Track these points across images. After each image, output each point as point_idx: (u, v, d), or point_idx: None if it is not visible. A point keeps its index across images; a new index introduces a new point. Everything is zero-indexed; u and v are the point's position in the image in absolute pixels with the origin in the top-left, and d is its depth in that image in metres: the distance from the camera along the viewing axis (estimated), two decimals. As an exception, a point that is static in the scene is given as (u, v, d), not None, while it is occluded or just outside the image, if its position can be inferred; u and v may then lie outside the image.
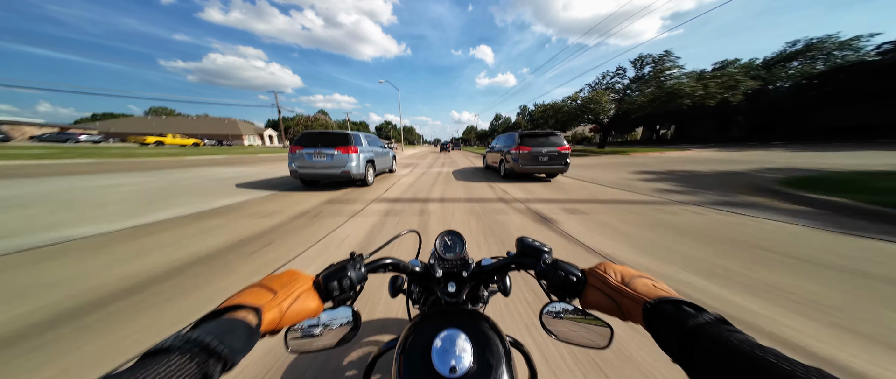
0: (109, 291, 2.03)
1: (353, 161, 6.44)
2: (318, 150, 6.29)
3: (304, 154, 6.29)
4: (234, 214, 4.20)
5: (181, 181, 7.45)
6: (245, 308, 0.35)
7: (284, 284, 0.43)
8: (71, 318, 1.71)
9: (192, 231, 3.40)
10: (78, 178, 7.46)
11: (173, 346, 0.26)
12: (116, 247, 2.89)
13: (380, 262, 0.55)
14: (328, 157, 6.31)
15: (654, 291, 0.40)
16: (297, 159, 6.32)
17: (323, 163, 6.31)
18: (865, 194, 4.10)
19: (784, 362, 0.24)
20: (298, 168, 6.30)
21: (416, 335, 0.46)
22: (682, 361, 0.31)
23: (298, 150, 6.30)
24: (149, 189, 6.18)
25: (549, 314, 0.50)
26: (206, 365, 0.27)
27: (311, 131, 6.56)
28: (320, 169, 6.32)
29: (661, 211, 4.19)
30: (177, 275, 2.28)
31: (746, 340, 0.28)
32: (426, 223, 3.85)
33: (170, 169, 10.47)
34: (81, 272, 2.32)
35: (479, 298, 0.70)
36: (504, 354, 0.42)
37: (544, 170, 7.65)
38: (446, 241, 0.75)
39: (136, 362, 0.25)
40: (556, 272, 0.49)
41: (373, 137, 8.54)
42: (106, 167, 10.14)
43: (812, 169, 7.75)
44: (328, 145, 6.36)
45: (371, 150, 7.59)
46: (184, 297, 1.96)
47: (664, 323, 0.35)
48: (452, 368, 0.38)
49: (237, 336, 0.31)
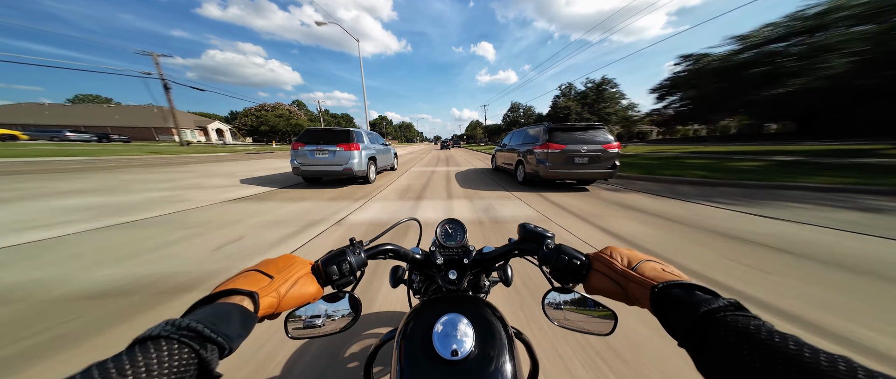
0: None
1: (356, 158, 6.47)
2: (321, 148, 6.33)
3: (307, 151, 6.33)
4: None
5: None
6: (240, 293, 0.34)
7: (281, 268, 0.42)
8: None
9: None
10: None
11: (165, 332, 0.26)
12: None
13: (380, 247, 0.55)
14: (330, 154, 6.34)
15: (663, 274, 0.39)
16: (299, 156, 6.36)
17: (325, 160, 6.35)
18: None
19: (807, 350, 0.23)
20: (301, 165, 6.34)
21: (417, 321, 0.45)
22: (690, 346, 0.30)
23: (301, 148, 6.34)
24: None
25: (551, 301, 0.50)
26: (200, 351, 0.26)
27: (314, 128, 6.59)
28: (322, 166, 6.35)
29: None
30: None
31: (764, 327, 0.26)
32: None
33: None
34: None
35: (481, 288, 0.70)
36: (506, 339, 0.42)
37: (583, 175, 5.74)
38: (447, 229, 0.74)
39: (127, 348, 0.24)
40: (559, 257, 0.48)
41: (375, 135, 8.57)
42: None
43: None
44: (330, 142, 6.39)
45: (373, 147, 7.62)
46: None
47: (673, 307, 0.33)
48: (454, 352, 0.38)
49: (232, 322, 0.30)
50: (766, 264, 2.30)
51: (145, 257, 2.51)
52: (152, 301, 1.82)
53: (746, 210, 4.01)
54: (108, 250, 2.66)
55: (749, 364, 0.24)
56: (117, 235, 3.05)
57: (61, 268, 2.29)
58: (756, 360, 0.24)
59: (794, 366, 0.22)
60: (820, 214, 3.72)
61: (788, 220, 3.52)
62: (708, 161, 10.33)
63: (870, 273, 2.15)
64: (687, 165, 9.06)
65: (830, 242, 2.80)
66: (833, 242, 2.78)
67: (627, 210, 4.21)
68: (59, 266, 2.32)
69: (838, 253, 2.52)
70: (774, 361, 0.23)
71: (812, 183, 5.48)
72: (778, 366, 0.23)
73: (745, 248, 2.67)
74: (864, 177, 5.82)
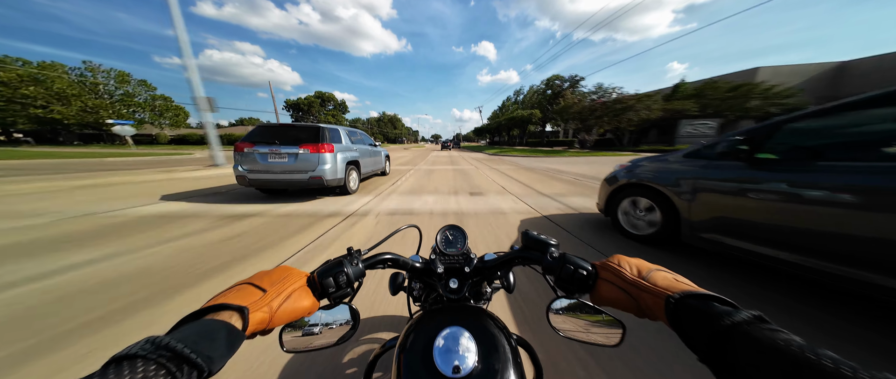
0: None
1: (328, 163, 4.81)
2: (276, 149, 4.66)
3: (257, 154, 4.65)
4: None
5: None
6: (229, 308, 0.33)
7: (275, 281, 0.40)
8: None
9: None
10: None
11: (142, 352, 0.24)
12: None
13: (378, 257, 0.54)
14: (290, 157, 4.67)
15: (677, 285, 0.37)
16: (246, 161, 4.67)
17: (283, 165, 4.67)
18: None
19: (844, 367, 0.21)
20: (248, 173, 4.64)
21: (416, 333, 0.44)
22: (711, 361, 0.28)
23: (249, 149, 4.65)
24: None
25: (555, 311, 0.49)
26: (176, 374, 0.25)
27: (269, 124, 4.94)
28: (279, 174, 4.66)
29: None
30: None
31: (793, 341, 0.24)
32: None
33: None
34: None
35: (482, 295, 0.68)
36: (511, 353, 0.40)
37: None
38: (448, 235, 0.70)
39: (101, 368, 0.23)
40: (564, 266, 0.46)
41: (359, 133, 6.91)
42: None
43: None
44: (291, 142, 4.72)
45: (354, 148, 5.96)
46: None
47: (692, 319, 0.32)
48: (456, 368, 0.36)
49: (216, 341, 0.29)
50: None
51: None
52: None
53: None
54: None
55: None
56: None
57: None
58: (791, 377, 0.22)
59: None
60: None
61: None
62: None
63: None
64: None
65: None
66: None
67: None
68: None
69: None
70: (811, 378, 0.21)
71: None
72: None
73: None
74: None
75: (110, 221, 3.49)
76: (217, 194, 5.35)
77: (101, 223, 3.42)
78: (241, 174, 4.63)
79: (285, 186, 4.80)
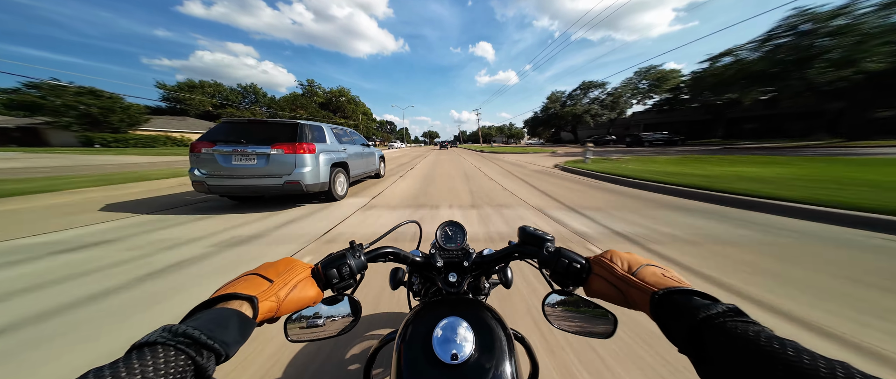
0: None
1: (307, 166, 4.00)
2: (241, 150, 3.83)
3: (217, 156, 3.83)
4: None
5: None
6: (239, 298, 0.34)
7: (281, 272, 0.41)
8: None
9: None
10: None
11: (162, 339, 0.25)
12: None
13: (380, 250, 0.54)
14: (260, 159, 3.86)
15: (664, 280, 0.38)
16: (204, 163, 3.84)
17: (250, 169, 3.85)
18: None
19: (805, 355, 0.22)
20: (207, 178, 3.80)
21: (416, 324, 0.44)
22: (690, 352, 0.30)
23: (207, 149, 3.81)
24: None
25: (551, 303, 0.50)
26: (196, 358, 0.26)
27: (235, 120, 4.13)
28: (246, 179, 3.84)
29: None
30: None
31: (763, 332, 0.25)
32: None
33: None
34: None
35: (481, 290, 0.69)
36: (506, 343, 0.41)
37: None
38: (447, 231, 0.72)
39: (125, 355, 0.24)
40: (559, 261, 0.47)
41: (349, 131, 6.11)
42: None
43: None
44: (261, 141, 3.90)
45: (342, 148, 5.16)
46: None
47: (673, 313, 0.33)
48: (454, 356, 0.36)
49: (230, 327, 0.30)
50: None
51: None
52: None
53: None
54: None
55: (748, 370, 0.24)
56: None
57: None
58: (755, 366, 0.24)
59: (793, 372, 0.22)
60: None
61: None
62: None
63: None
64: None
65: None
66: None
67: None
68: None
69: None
70: (773, 367, 0.23)
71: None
72: (777, 372, 0.22)
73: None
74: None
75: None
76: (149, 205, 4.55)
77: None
78: (198, 179, 3.79)
79: (255, 193, 3.99)
